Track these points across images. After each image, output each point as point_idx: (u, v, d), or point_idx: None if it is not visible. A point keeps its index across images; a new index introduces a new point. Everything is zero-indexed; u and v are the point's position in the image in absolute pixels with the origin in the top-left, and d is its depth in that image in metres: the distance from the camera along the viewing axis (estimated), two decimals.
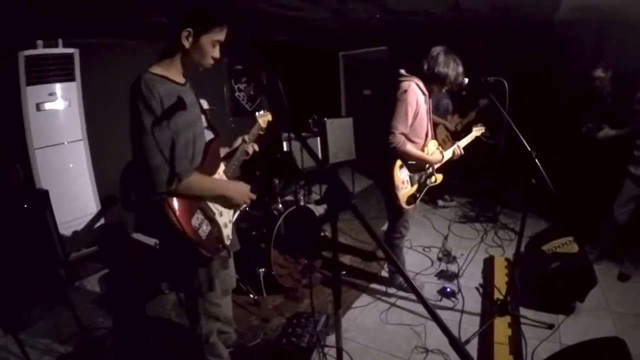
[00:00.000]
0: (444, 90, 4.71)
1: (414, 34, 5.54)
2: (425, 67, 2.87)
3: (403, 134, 2.82)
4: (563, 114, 4.30)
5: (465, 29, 5.03)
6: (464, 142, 3.29)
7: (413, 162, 3.00)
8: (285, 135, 5.46)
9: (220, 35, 1.76)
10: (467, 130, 5.07)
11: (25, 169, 3.58)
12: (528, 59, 4.99)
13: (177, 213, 1.70)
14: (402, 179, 2.96)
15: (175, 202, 1.71)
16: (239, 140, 2.31)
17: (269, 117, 2.49)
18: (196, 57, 1.75)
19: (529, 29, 4.88)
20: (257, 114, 2.48)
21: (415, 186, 3.07)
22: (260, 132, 2.43)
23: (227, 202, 1.96)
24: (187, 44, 1.70)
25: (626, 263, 3.43)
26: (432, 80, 2.90)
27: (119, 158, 3.79)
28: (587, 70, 3.79)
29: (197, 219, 1.80)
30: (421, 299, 1.15)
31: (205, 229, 1.83)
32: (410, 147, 2.88)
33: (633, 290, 3.23)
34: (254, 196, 2.11)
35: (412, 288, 1.16)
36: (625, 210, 3.43)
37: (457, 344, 1.03)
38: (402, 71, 2.95)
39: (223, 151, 2.23)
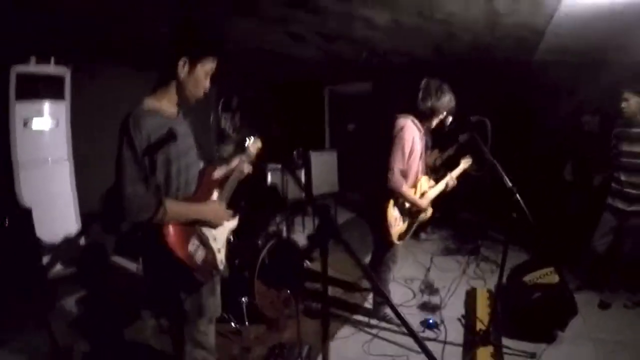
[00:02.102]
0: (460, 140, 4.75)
1: (398, 71, 5.75)
2: (417, 102, 2.93)
3: (401, 170, 2.87)
4: (543, 150, 4.46)
5: (448, 68, 5.23)
6: (455, 173, 3.36)
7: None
8: (270, 166, 5.51)
9: (213, 65, 1.83)
10: (449, 165, 5.22)
11: (8, 186, 3.52)
12: (508, 98, 5.19)
13: (174, 239, 1.70)
14: (395, 216, 2.99)
15: (171, 228, 1.71)
16: (236, 160, 2.29)
17: (260, 144, 2.49)
18: (190, 87, 1.79)
19: (508, 69, 5.10)
20: (247, 140, 2.44)
21: (407, 222, 3.12)
22: (251, 160, 2.43)
23: (207, 225, 1.93)
24: (182, 74, 1.75)
25: (606, 292, 3.53)
26: (425, 115, 2.96)
27: (103, 180, 3.71)
28: (566, 109, 3.95)
29: (193, 244, 1.80)
30: (411, 332, 1.19)
31: (200, 254, 1.83)
32: (405, 189, 2.90)
33: (613, 318, 3.32)
34: (234, 222, 2.13)
35: (402, 321, 1.19)
36: (604, 242, 3.54)
37: None
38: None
39: (220, 171, 2.21)
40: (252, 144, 2.44)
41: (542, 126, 4.91)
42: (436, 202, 3.49)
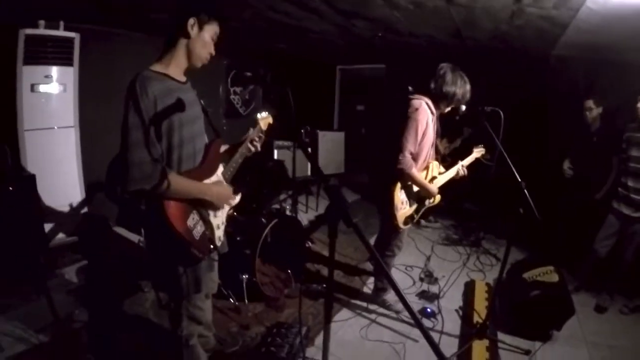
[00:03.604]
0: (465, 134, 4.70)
1: (413, 55, 5.64)
2: (433, 85, 2.89)
3: (411, 153, 2.82)
4: (554, 146, 4.39)
5: (465, 55, 5.14)
6: (467, 162, 3.31)
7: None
8: (277, 143, 5.48)
9: (217, 30, 1.83)
10: (455, 156, 5.19)
11: (14, 151, 3.49)
12: (524, 90, 5.10)
13: (174, 212, 1.69)
14: (402, 200, 2.94)
15: (172, 201, 1.70)
16: (243, 138, 2.26)
17: (270, 119, 2.45)
18: (198, 48, 1.78)
19: (526, 60, 5.00)
20: (258, 115, 2.39)
21: (414, 207, 3.08)
22: (261, 135, 2.38)
23: (208, 205, 1.91)
24: (192, 33, 1.74)
25: (604, 295, 3.53)
26: (439, 99, 2.91)
27: (108, 148, 3.70)
28: (579, 104, 3.88)
29: (193, 219, 1.79)
30: (415, 319, 1.17)
31: (199, 229, 1.82)
32: (415, 172, 2.85)
33: (609, 322, 3.32)
34: (236, 200, 2.11)
35: (407, 308, 1.18)
36: (606, 244, 3.53)
37: None
38: (411, 89, 2.98)
39: (223, 153, 2.21)
40: (263, 118, 2.40)
41: (556, 121, 4.83)
42: (442, 190, 3.45)
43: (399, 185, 2.88)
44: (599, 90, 3.83)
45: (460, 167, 3.22)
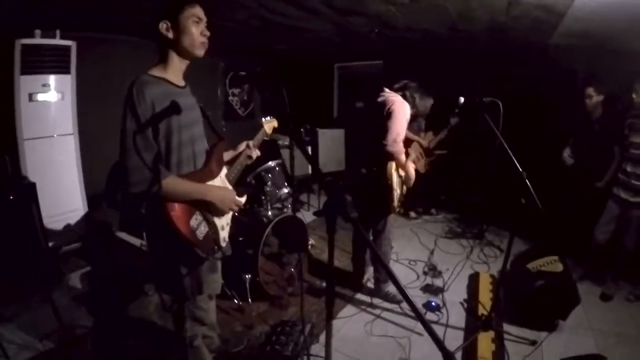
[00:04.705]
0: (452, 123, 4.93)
1: (410, 50, 5.62)
2: (407, 95, 3.30)
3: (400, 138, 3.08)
4: (554, 136, 4.37)
5: (462, 48, 5.12)
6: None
7: None
8: (279, 143, 5.48)
9: (195, 10, 1.75)
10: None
11: (13, 160, 3.50)
12: (522, 80, 5.08)
13: (177, 213, 1.69)
14: (397, 181, 3.20)
15: (174, 203, 1.71)
16: (243, 145, 2.27)
17: (275, 123, 2.48)
18: (186, 43, 1.75)
19: (524, 51, 4.98)
20: (263, 119, 2.45)
21: (400, 190, 3.32)
22: (266, 138, 2.41)
23: (211, 208, 1.90)
24: (170, 35, 1.72)
25: (609, 283, 3.51)
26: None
27: (108, 155, 3.73)
28: (579, 93, 3.86)
29: (196, 219, 1.79)
30: (415, 311, 1.16)
31: (202, 229, 1.82)
32: (403, 157, 3.15)
33: (614, 310, 3.31)
34: (240, 203, 2.11)
35: (407, 300, 1.17)
36: (605, 230, 3.52)
37: (448, 356, 1.03)
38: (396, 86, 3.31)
39: (227, 155, 2.22)
40: (268, 122, 2.43)
41: (555, 111, 4.81)
42: (443, 184, 3.48)
43: (394, 165, 3.14)
44: (599, 78, 3.80)
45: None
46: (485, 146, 4.02)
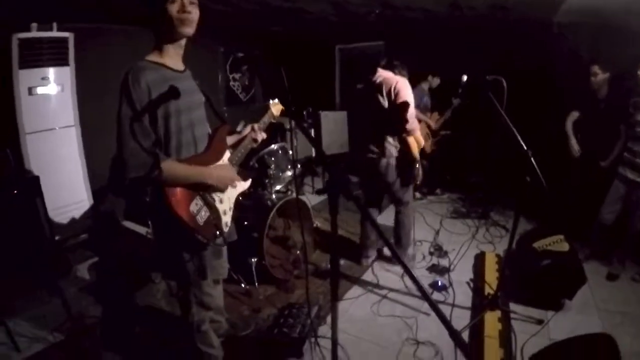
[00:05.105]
0: (425, 88, 5.05)
1: (412, 30, 5.54)
2: (396, 72, 3.43)
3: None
4: (558, 114, 4.32)
5: (464, 26, 5.04)
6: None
7: None
8: (286, 126, 5.47)
9: None
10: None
11: (16, 154, 3.50)
12: (525, 58, 5.00)
13: (176, 198, 1.69)
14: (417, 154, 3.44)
15: (174, 188, 1.70)
16: (248, 128, 2.25)
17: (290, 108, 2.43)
18: (167, 23, 1.69)
19: (527, 28, 4.89)
20: (270, 102, 2.42)
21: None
22: (273, 121, 2.39)
23: (212, 190, 1.90)
24: (157, 19, 1.70)
25: (615, 263, 3.49)
26: None
27: (110, 145, 3.68)
28: (584, 71, 3.79)
29: (196, 204, 1.79)
30: (422, 292, 1.15)
31: (203, 215, 1.81)
32: (419, 132, 3.42)
33: (620, 290, 3.30)
34: (244, 185, 2.10)
35: (413, 279, 1.17)
36: (612, 210, 3.48)
37: (455, 335, 1.04)
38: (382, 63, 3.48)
39: (232, 139, 2.21)
40: (275, 104, 2.40)
41: (560, 90, 4.74)
42: (448, 164, 3.47)
43: (412, 139, 3.35)
44: (604, 56, 3.72)
45: None
46: (489, 125, 3.98)
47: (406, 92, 3.22)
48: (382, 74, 3.35)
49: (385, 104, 3.27)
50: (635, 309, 3.01)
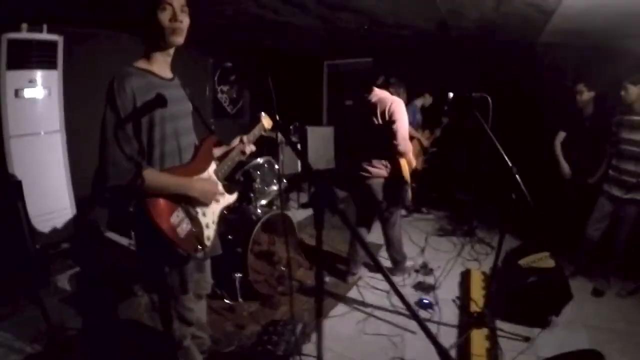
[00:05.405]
0: (419, 105, 5.13)
1: (400, 47, 5.62)
2: (393, 91, 3.53)
3: None
4: (543, 131, 4.38)
5: (451, 44, 5.12)
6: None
7: None
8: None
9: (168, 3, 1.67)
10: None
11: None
12: (510, 77, 5.09)
13: (156, 209, 1.66)
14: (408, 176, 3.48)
15: (155, 198, 1.67)
16: (236, 140, 2.21)
17: (277, 119, 2.38)
18: (156, 32, 1.69)
19: (513, 48, 5.00)
20: (262, 114, 2.36)
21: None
22: (263, 133, 2.35)
23: (194, 201, 1.86)
24: (146, 27, 1.70)
25: (600, 279, 3.53)
26: None
27: (96, 153, 3.68)
28: (568, 92, 3.87)
29: (177, 216, 1.74)
30: (409, 309, 1.13)
31: (184, 227, 1.77)
32: (411, 154, 3.46)
33: (607, 306, 3.33)
34: (228, 198, 2.07)
35: (399, 297, 1.15)
36: (598, 227, 3.52)
37: (443, 354, 1.02)
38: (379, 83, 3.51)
39: (219, 150, 2.17)
40: (266, 117, 2.35)
41: (544, 106, 4.83)
42: (434, 182, 3.51)
43: (404, 161, 3.40)
44: (588, 75, 3.81)
45: None
46: (475, 142, 4.02)
47: (400, 114, 3.23)
48: (378, 94, 3.36)
49: (379, 124, 3.29)
50: (621, 325, 3.03)
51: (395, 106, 3.23)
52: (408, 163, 3.44)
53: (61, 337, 2.77)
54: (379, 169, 3.38)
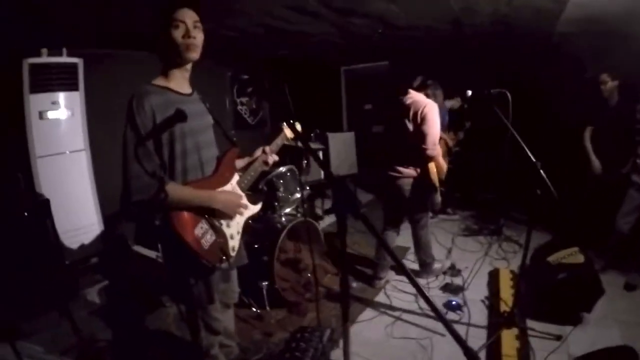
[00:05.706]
0: (448, 106, 5.05)
1: (415, 48, 5.59)
2: (430, 93, 3.55)
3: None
4: (565, 125, 4.29)
5: (466, 42, 5.07)
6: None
7: None
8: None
9: (176, 14, 1.70)
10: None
11: (27, 178, 3.56)
12: (529, 71, 5.01)
13: (180, 221, 1.69)
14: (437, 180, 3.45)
15: (179, 211, 1.70)
16: (259, 151, 2.21)
17: (297, 127, 2.30)
18: (170, 49, 1.73)
19: (529, 42, 4.91)
20: (284, 124, 2.31)
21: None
22: (286, 142, 2.35)
23: (218, 214, 1.87)
24: (161, 45, 1.75)
25: (632, 273, 3.40)
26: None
27: (121, 169, 3.77)
28: (590, 82, 3.78)
29: (201, 228, 1.77)
30: (436, 312, 1.12)
31: (208, 238, 1.79)
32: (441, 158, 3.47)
33: (639, 300, 3.20)
34: (252, 209, 2.08)
35: (425, 300, 1.14)
36: (628, 220, 3.43)
37: (471, 355, 1.00)
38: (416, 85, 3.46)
39: (241, 162, 2.18)
40: (287, 128, 2.33)
41: (564, 100, 4.72)
42: (458, 182, 3.47)
43: (433, 164, 3.39)
44: (608, 64, 3.71)
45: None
46: (497, 140, 3.96)
47: (433, 119, 3.22)
48: (413, 96, 3.36)
49: (410, 127, 3.30)
50: None
51: (428, 110, 3.22)
52: (439, 167, 3.44)
53: (91, 350, 2.83)
54: (409, 170, 3.39)
